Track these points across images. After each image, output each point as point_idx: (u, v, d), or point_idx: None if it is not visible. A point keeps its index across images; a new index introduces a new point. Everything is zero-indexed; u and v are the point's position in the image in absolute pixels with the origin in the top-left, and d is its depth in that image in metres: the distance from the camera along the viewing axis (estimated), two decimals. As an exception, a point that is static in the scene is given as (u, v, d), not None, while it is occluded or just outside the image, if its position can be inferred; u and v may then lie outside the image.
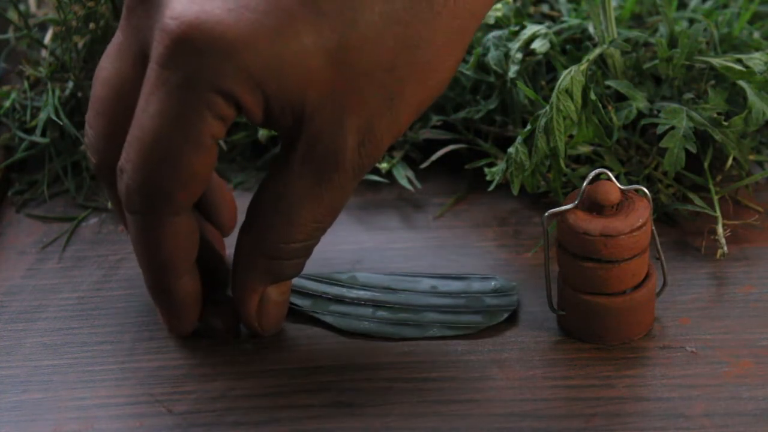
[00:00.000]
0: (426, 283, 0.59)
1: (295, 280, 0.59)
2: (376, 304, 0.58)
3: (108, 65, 0.52)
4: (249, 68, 0.47)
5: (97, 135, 0.53)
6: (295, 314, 0.58)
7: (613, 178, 0.54)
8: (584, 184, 0.53)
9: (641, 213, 0.53)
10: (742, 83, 0.60)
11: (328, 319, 0.57)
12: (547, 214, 0.54)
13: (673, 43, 0.65)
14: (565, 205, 0.54)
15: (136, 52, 0.50)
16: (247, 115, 0.49)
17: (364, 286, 0.59)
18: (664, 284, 0.56)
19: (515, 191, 0.59)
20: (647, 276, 0.55)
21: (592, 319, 0.55)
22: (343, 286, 0.59)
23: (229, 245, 0.58)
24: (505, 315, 0.57)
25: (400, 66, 0.49)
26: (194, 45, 0.47)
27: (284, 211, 0.51)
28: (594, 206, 0.53)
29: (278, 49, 0.47)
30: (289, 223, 0.51)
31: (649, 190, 0.54)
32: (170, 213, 0.51)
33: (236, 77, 0.47)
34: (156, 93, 0.48)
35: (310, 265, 0.61)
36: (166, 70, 0.48)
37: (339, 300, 0.58)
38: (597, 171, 0.54)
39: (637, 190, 0.54)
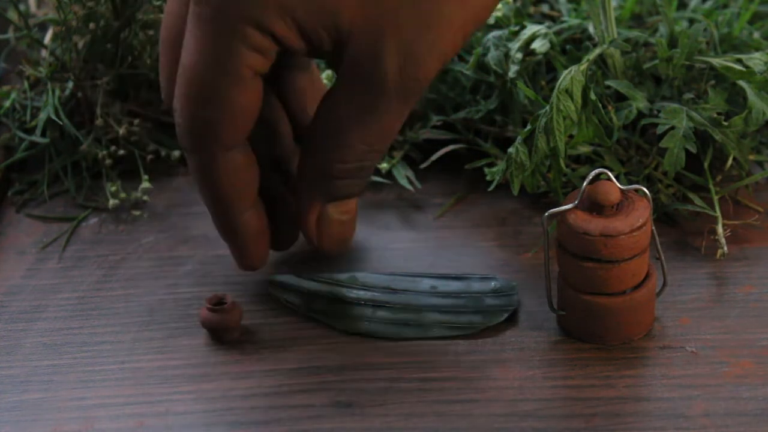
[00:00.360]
0: (426, 283, 0.59)
1: (294, 281, 0.59)
2: (376, 305, 0.58)
3: (166, 10, 0.53)
4: None
5: (162, 76, 0.54)
6: (295, 314, 0.58)
7: (613, 178, 0.54)
8: (584, 184, 0.53)
9: (641, 213, 0.53)
10: (742, 83, 0.60)
11: (328, 319, 0.57)
12: (546, 214, 0.54)
13: (673, 43, 0.65)
14: (565, 205, 0.54)
15: None
16: (286, 45, 0.49)
17: (364, 287, 0.59)
18: (664, 284, 0.56)
19: (515, 191, 0.59)
20: (647, 276, 0.55)
21: (592, 319, 0.55)
22: (342, 286, 0.59)
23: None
24: (505, 315, 0.57)
25: None
26: None
27: (333, 135, 0.52)
28: (594, 206, 0.53)
29: None
30: (339, 146, 0.52)
31: (649, 190, 0.54)
32: (221, 149, 0.51)
33: (263, 5, 0.48)
34: (192, 30, 0.49)
35: (310, 266, 0.61)
36: (198, 5, 0.49)
37: (339, 300, 0.58)
38: (597, 171, 0.54)
39: (637, 190, 0.54)
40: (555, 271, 0.56)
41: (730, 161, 0.64)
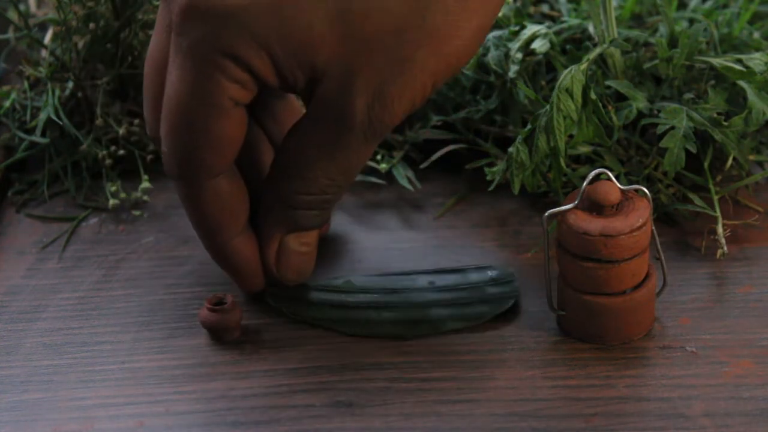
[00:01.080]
0: (423, 280, 0.59)
1: (292, 291, 0.59)
2: (379, 306, 0.58)
3: (152, 40, 0.54)
4: (251, 31, 0.48)
5: (145, 105, 0.55)
6: (298, 323, 0.58)
7: (613, 178, 0.54)
8: (584, 184, 0.53)
9: (641, 213, 0.53)
10: (742, 83, 0.60)
11: (335, 324, 0.57)
12: (546, 214, 0.54)
13: (673, 43, 0.64)
14: (565, 205, 0.54)
15: (167, 24, 0.52)
16: (262, 78, 0.50)
17: (363, 290, 0.59)
18: (664, 284, 0.56)
19: (515, 191, 0.59)
20: (647, 276, 0.55)
21: (592, 319, 0.55)
22: (341, 292, 0.59)
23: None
24: (511, 302, 0.57)
25: (409, 30, 0.49)
26: (199, 11, 0.49)
27: (298, 166, 0.53)
28: (594, 206, 0.53)
29: (279, 13, 0.48)
30: (302, 177, 0.53)
31: (649, 190, 0.54)
32: (206, 177, 0.53)
33: (239, 39, 0.49)
34: (174, 60, 0.50)
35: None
36: (179, 37, 0.50)
37: (341, 307, 0.58)
38: (597, 171, 0.54)
39: (637, 190, 0.54)
40: (555, 271, 0.56)
41: (730, 161, 0.64)
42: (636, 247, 0.53)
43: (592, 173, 0.53)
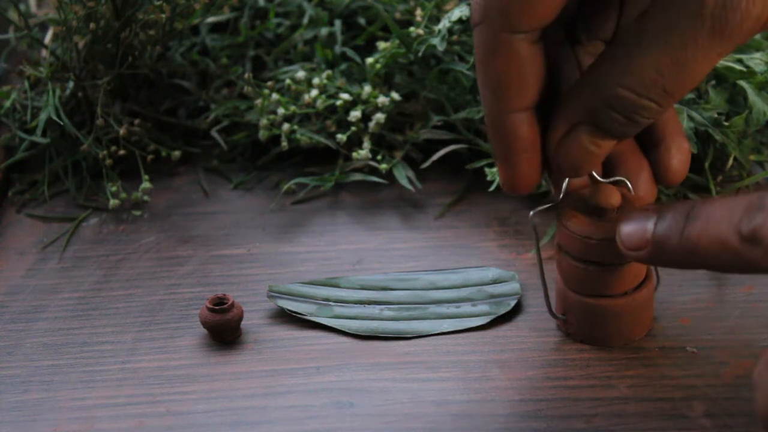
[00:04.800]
0: (424, 279, 0.59)
1: (294, 289, 0.59)
2: (381, 304, 0.58)
3: None
4: None
5: None
6: (298, 323, 0.58)
7: (630, 185, 0.53)
8: (565, 183, 0.53)
9: None
10: (742, 83, 0.60)
11: (336, 323, 0.57)
12: (532, 212, 0.53)
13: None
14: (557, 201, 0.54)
15: None
16: None
17: (364, 288, 0.59)
18: (658, 282, 0.56)
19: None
20: (647, 276, 0.55)
21: (593, 322, 0.55)
22: (342, 288, 0.59)
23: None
24: (513, 303, 0.57)
25: None
26: None
27: (627, 53, 0.48)
28: (595, 210, 0.53)
29: None
30: (628, 65, 0.48)
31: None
32: (503, 28, 0.49)
33: None
34: None
35: (310, 267, 0.61)
36: None
37: (341, 306, 0.58)
38: (615, 179, 0.53)
39: (617, 182, 0.54)
40: (554, 271, 0.56)
41: (730, 161, 0.64)
42: None
43: (610, 180, 0.53)
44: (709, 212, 0.47)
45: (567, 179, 0.53)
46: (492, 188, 0.62)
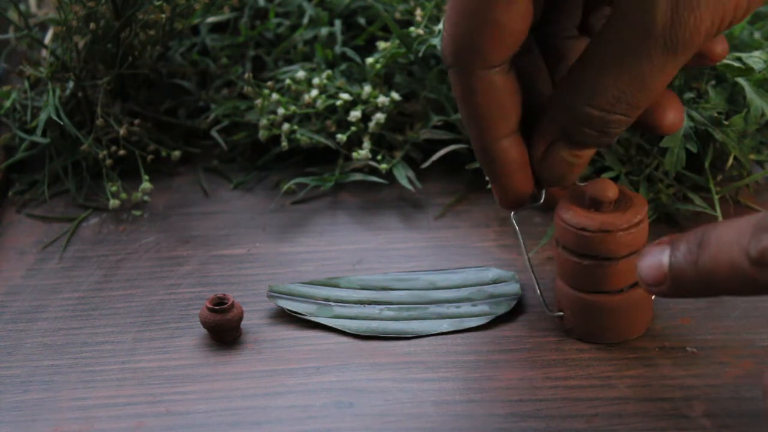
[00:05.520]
0: (423, 279, 0.60)
1: (294, 289, 0.59)
2: (381, 304, 0.58)
3: None
4: None
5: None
6: (298, 323, 0.58)
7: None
8: (542, 192, 0.54)
9: (638, 210, 0.53)
10: (740, 81, 0.60)
11: (336, 323, 0.57)
12: (513, 212, 0.55)
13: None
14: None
15: None
16: None
17: (364, 288, 0.59)
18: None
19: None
20: None
21: (589, 318, 0.55)
22: (342, 288, 0.59)
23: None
24: (514, 303, 0.57)
25: None
26: None
27: (589, 72, 0.50)
28: (592, 203, 0.53)
29: None
30: (591, 86, 0.50)
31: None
32: (482, 65, 0.51)
33: None
34: None
35: (310, 267, 0.61)
36: None
37: (341, 306, 0.58)
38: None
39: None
40: (553, 271, 0.56)
41: (730, 161, 0.64)
42: (634, 243, 0.53)
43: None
44: (719, 237, 0.47)
45: (542, 193, 0.54)
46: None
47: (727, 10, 0.48)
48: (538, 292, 0.56)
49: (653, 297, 0.56)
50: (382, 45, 0.69)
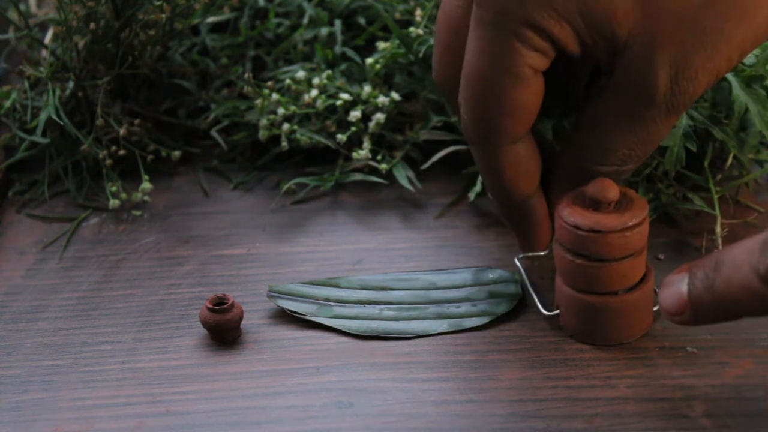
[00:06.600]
0: (424, 279, 0.60)
1: (294, 289, 0.59)
2: (381, 304, 0.58)
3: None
4: (552, 4, 0.49)
5: (435, 53, 0.56)
6: (298, 323, 0.58)
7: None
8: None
9: (637, 213, 0.53)
10: (729, 76, 0.60)
11: (336, 323, 0.57)
12: (520, 257, 0.58)
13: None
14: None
15: None
16: (563, 47, 0.51)
17: (364, 288, 0.59)
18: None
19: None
20: (643, 279, 0.54)
21: (582, 317, 0.55)
22: (342, 288, 0.59)
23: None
24: (514, 303, 0.57)
25: (717, 2, 0.49)
26: None
27: (597, 136, 0.53)
28: (592, 203, 0.53)
29: None
30: (601, 148, 0.54)
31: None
32: (504, 143, 0.54)
33: (541, 11, 0.50)
34: (474, 30, 0.52)
35: (310, 267, 0.61)
36: (480, 8, 0.51)
37: (341, 306, 0.58)
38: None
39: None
40: (552, 271, 0.57)
41: (730, 160, 0.64)
42: (628, 247, 0.53)
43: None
44: (733, 259, 0.47)
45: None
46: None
47: (720, 69, 0.51)
48: (532, 293, 0.56)
49: (655, 307, 0.56)
50: (382, 45, 0.69)
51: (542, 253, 0.57)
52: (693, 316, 0.49)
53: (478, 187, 0.64)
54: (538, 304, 0.57)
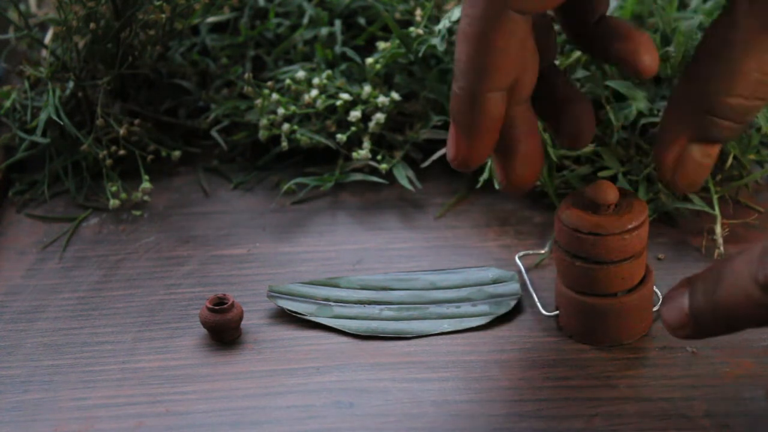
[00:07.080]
0: (423, 279, 0.60)
1: (294, 289, 0.59)
2: (381, 304, 0.58)
3: None
4: None
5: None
6: (298, 323, 0.58)
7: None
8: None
9: (635, 216, 0.53)
10: None
11: (336, 323, 0.57)
12: (519, 254, 0.58)
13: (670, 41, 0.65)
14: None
15: None
16: None
17: (364, 288, 0.59)
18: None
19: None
20: (642, 282, 0.54)
21: (581, 318, 0.55)
22: (342, 288, 0.59)
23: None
24: (513, 303, 0.57)
25: None
26: None
27: (727, 58, 0.48)
28: (591, 205, 0.53)
29: None
30: (732, 72, 0.48)
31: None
32: (514, 6, 0.47)
33: None
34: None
35: (310, 267, 0.61)
36: None
37: (341, 306, 0.58)
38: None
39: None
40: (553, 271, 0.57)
41: (730, 160, 0.64)
42: (627, 250, 0.53)
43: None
44: (733, 269, 0.46)
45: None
46: (481, 185, 0.62)
47: None
48: (532, 293, 0.56)
49: (654, 308, 0.56)
50: (382, 45, 0.69)
51: (542, 252, 0.57)
52: (695, 329, 0.48)
53: (485, 174, 0.64)
54: (538, 304, 0.57)
